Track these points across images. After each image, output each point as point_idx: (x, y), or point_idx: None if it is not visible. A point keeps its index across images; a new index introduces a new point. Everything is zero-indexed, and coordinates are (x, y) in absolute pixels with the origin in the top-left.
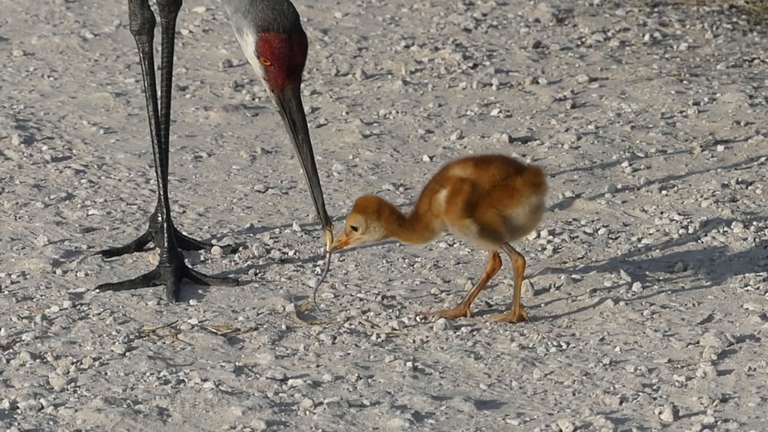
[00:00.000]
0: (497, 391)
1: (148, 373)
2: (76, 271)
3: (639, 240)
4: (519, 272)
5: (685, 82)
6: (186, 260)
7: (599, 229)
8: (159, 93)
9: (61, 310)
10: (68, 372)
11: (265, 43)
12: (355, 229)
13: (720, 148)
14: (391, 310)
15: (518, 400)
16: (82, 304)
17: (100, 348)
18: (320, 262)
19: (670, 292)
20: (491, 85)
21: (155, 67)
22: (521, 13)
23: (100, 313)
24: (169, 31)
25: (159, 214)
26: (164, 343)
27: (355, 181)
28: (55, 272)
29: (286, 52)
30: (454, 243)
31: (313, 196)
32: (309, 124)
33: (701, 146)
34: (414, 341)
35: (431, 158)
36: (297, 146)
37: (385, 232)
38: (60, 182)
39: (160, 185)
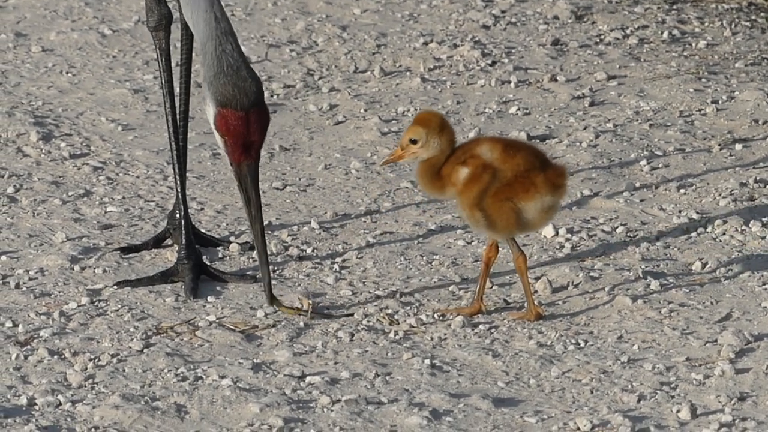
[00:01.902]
0: (515, 389)
1: (165, 370)
2: (94, 268)
3: (657, 238)
4: (522, 270)
5: (703, 80)
6: (204, 257)
7: (617, 227)
8: (177, 89)
9: (79, 306)
10: (86, 368)
11: (222, 119)
12: (413, 142)
13: (738, 146)
14: (409, 308)
15: (536, 398)
16: (100, 301)
17: (118, 344)
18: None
19: (688, 291)
20: (510, 82)
21: (173, 64)
22: (540, 10)
23: (118, 310)
24: (188, 28)
25: (177, 211)
26: (182, 339)
27: (373, 178)
28: (73, 269)
29: (242, 130)
30: (473, 241)
31: (261, 274)
32: (327, 121)
33: (719, 145)
34: (432, 339)
35: None
36: (250, 222)
37: (440, 153)
38: (78, 179)
39: (178, 182)
